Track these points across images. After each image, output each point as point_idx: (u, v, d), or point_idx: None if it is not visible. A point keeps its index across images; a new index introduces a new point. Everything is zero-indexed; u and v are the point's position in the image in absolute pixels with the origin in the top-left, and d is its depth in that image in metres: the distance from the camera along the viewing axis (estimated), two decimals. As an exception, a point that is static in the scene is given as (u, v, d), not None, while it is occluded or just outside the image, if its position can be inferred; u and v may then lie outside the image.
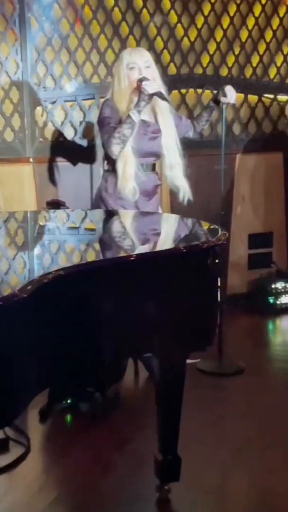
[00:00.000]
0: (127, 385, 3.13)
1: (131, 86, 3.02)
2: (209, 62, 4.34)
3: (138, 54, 3.07)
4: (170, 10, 4.17)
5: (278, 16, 4.47)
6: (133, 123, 2.96)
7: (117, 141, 2.97)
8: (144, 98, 2.95)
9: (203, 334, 2.38)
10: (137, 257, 2.23)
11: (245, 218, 4.59)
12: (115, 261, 2.18)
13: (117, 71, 3.08)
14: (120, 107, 3.03)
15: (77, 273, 1.97)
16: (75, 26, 3.96)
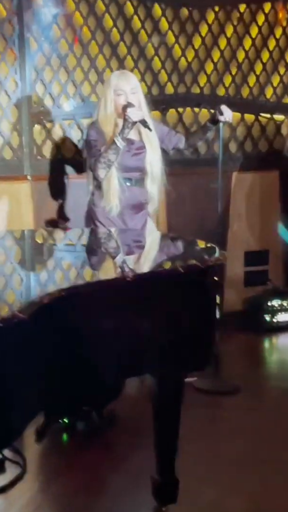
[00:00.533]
0: (124, 404, 3.12)
1: (117, 111, 3.15)
2: (206, 81, 4.39)
3: (125, 80, 3.17)
4: (167, 31, 4.23)
5: (274, 37, 4.53)
6: (117, 149, 3.10)
7: (103, 165, 3.12)
8: (128, 126, 3.08)
9: (202, 354, 2.40)
10: (135, 277, 2.24)
11: (241, 236, 4.62)
12: (113, 281, 2.20)
13: (104, 94, 3.21)
14: (105, 130, 3.15)
15: (76, 293, 1.98)
16: (74, 46, 4.00)
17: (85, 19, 3.99)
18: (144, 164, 3.23)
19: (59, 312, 1.88)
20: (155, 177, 3.26)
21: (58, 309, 1.87)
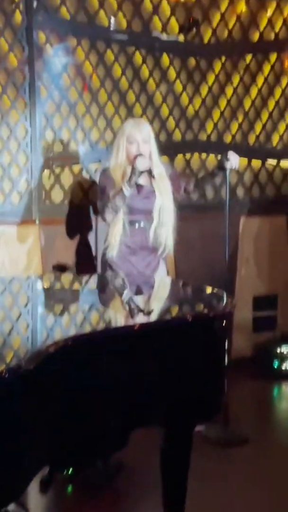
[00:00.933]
0: (131, 453, 3.04)
1: (128, 158, 3.26)
2: (213, 128, 4.45)
3: (138, 129, 3.27)
4: (175, 79, 4.31)
5: (280, 86, 4.61)
6: (124, 196, 3.22)
7: (110, 210, 3.25)
8: (136, 174, 3.20)
9: (211, 403, 2.35)
10: (143, 326, 2.22)
11: (249, 280, 4.59)
12: (120, 330, 2.17)
13: (117, 142, 3.32)
14: (115, 177, 3.27)
15: (82, 342, 1.96)
16: (83, 94, 4.08)
17: (94, 68, 4.08)
18: (151, 208, 3.29)
19: (65, 361, 1.86)
20: (163, 222, 3.30)
21: (64, 358, 1.84)
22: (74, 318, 2.45)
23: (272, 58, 4.56)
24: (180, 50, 4.29)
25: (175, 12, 4.23)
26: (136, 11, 4.14)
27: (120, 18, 4.10)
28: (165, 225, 3.31)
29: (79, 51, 4.04)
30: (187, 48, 4.31)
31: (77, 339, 1.96)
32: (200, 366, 2.27)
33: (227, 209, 3.48)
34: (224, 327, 2.37)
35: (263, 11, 4.48)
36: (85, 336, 2.06)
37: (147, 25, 4.18)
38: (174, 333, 2.19)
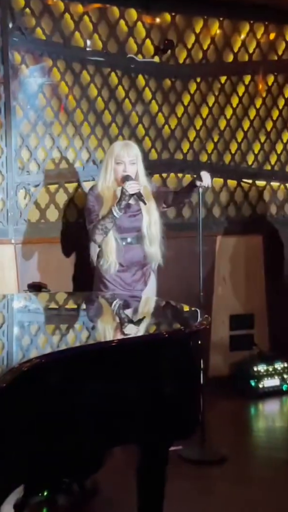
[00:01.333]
0: (107, 474, 2.99)
1: (116, 179, 3.39)
2: (189, 148, 4.49)
3: (126, 151, 3.40)
4: (151, 100, 4.35)
5: (254, 107, 4.68)
6: (114, 218, 3.33)
7: (100, 232, 3.36)
8: (125, 198, 3.31)
9: (187, 422, 2.33)
10: (117, 343, 2.20)
11: (226, 299, 4.61)
12: (94, 347, 2.15)
13: (106, 162, 3.45)
14: (104, 196, 3.38)
15: (56, 360, 1.93)
16: (59, 114, 4.09)
17: (70, 88, 4.10)
18: (140, 225, 3.43)
19: (39, 379, 1.83)
20: (152, 239, 3.45)
21: (37, 377, 1.81)
22: (50, 338, 2.42)
23: (246, 79, 4.64)
24: (155, 71, 4.34)
25: (150, 34, 4.29)
26: (112, 32, 4.18)
27: (95, 39, 4.14)
28: (154, 242, 3.45)
29: (55, 72, 4.06)
30: (162, 69, 4.36)
31: (51, 357, 1.93)
32: (176, 384, 2.25)
33: (200, 228, 3.49)
34: (200, 344, 2.36)
35: (237, 34, 4.56)
36: (59, 353, 2.03)
37: (123, 47, 4.22)
38: (150, 349, 2.17)
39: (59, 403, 1.91)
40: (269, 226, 4.79)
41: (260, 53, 4.66)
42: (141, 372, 2.13)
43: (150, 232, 3.43)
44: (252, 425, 4.06)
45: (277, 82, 4.75)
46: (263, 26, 4.64)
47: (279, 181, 4.83)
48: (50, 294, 3.27)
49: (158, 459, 2.27)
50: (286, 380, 4.40)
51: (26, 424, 1.77)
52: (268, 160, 4.77)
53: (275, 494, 3.02)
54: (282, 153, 4.81)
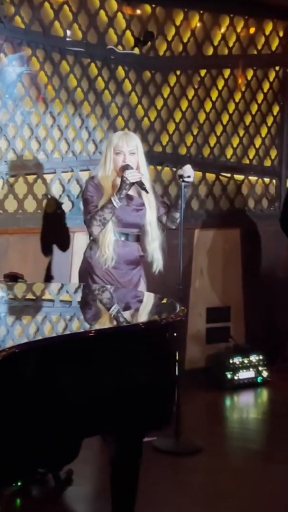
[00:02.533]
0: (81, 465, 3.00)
1: (115, 169, 3.27)
2: (168, 141, 4.49)
3: (125, 140, 3.29)
4: (131, 92, 4.34)
5: (234, 101, 4.69)
6: (114, 208, 3.20)
7: (98, 223, 3.21)
8: (126, 187, 3.19)
9: (162, 412, 2.34)
10: (94, 333, 2.20)
11: (203, 292, 4.63)
12: (70, 337, 2.15)
13: (105, 152, 3.33)
14: (104, 186, 3.26)
15: (30, 349, 1.93)
16: (38, 104, 4.06)
17: (49, 78, 4.07)
18: (142, 222, 3.32)
19: (14, 369, 1.82)
20: (154, 237, 3.33)
21: (12, 366, 1.81)
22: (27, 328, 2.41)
23: (225, 73, 4.65)
24: (135, 62, 4.32)
25: (130, 25, 4.27)
26: (92, 23, 4.16)
27: (75, 29, 4.12)
28: (154, 240, 3.32)
29: (34, 61, 4.03)
30: (142, 61, 4.35)
31: (25, 346, 1.93)
32: (152, 374, 2.26)
33: (181, 221, 3.49)
34: (176, 335, 2.37)
35: (217, 27, 4.57)
36: (34, 343, 2.02)
37: (103, 37, 4.20)
38: (126, 340, 2.18)
39: (33, 393, 1.90)
40: (246, 219, 4.82)
41: (240, 47, 4.68)
42: (117, 363, 2.13)
43: (152, 228, 3.31)
44: (226, 417, 4.10)
45: (256, 76, 4.77)
46: (243, 20, 4.65)
47: (257, 175, 4.86)
48: (27, 285, 3.26)
49: (133, 450, 2.28)
50: (261, 372, 4.45)
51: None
52: (247, 154, 4.79)
53: (249, 484, 3.06)
54: (260, 147, 4.84)
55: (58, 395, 1.98)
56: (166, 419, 2.40)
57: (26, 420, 1.89)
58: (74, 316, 2.66)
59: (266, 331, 4.70)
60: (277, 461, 3.28)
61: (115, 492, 2.30)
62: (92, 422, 2.12)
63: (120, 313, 2.71)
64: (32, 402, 1.90)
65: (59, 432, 2.01)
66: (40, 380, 1.93)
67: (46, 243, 4.07)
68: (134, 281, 3.36)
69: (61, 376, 1.99)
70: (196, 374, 4.38)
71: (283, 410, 4.04)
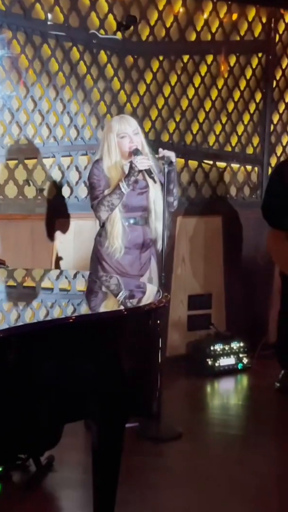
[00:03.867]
0: (63, 451, 3.00)
1: (122, 153, 3.26)
2: (150, 127, 4.46)
3: (127, 122, 3.30)
4: (113, 77, 4.29)
5: (216, 88, 4.68)
6: (122, 194, 3.21)
7: (106, 208, 3.23)
8: (134, 174, 3.20)
9: (144, 399, 2.34)
10: (75, 319, 2.19)
11: (185, 279, 4.63)
12: (51, 324, 2.14)
13: (108, 139, 3.30)
14: (110, 175, 3.25)
15: (12, 335, 1.91)
16: (19, 88, 4.00)
17: (30, 61, 4.01)
18: (147, 203, 3.33)
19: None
20: (158, 214, 3.35)
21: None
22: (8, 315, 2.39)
23: (208, 59, 4.62)
24: (117, 47, 4.28)
25: (112, 9, 4.22)
26: (73, 6, 4.10)
27: (57, 12, 4.06)
28: (159, 218, 3.34)
29: (15, 44, 3.96)
30: (124, 45, 4.30)
31: (6, 332, 1.91)
32: (134, 360, 2.26)
33: (164, 208, 3.47)
34: (159, 322, 2.37)
35: (200, 12, 4.54)
36: (15, 329, 2.01)
37: (84, 21, 4.15)
38: (108, 326, 2.17)
39: (14, 377, 1.89)
40: (228, 207, 4.82)
41: (223, 33, 4.65)
42: (100, 349, 2.13)
43: (156, 207, 3.33)
44: (207, 403, 4.13)
45: (239, 63, 4.75)
46: (226, 6, 4.62)
47: (239, 163, 4.86)
48: (8, 271, 3.22)
49: (115, 435, 2.28)
50: (242, 359, 4.48)
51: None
52: (229, 141, 4.79)
53: (228, 469, 3.09)
54: (242, 135, 4.84)
55: (39, 380, 1.97)
56: (148, 405, 2.41)
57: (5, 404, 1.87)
58: (56, 303, 2.64)
59: (246, 318, 4.73)
60: (256, 447, 3.31)
61: (97, 478, 2.30)
62: (73, 407, 2.11)
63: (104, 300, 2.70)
64: (12, 387, 1.89)
65: (39, 417, 2.00)
66: (20, 365, 1.92)
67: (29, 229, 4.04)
68: (142, 264, 3.39)
69: (42, 361, 1.98)
70: (178, 361, 4.40)
71: (263, 397, 4.07)
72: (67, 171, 4.19)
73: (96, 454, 2.28)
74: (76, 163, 4.20)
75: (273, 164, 4.92)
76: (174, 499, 2.80)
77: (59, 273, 3.32)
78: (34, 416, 1.99)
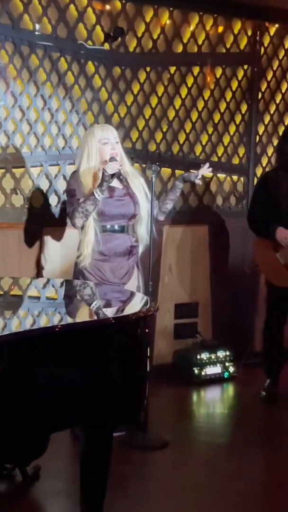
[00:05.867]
0: (49, 460, 2.99)
1: (101, 160, 3.30)
2: (138, 137, 4.49)
3: (109, 130, 3.39)
4: (101, 87, 4.33)
5: (203, 99, 4.72)
6: (96, 201, 3.23)
7: (80, 215, 3.24)
8: (106, 179, 3.23)
9: (131, 407, 2.35)
10: (62, 328, 2.20)
11: (171, 288, 4.65)
12: (41, 331, 2.14)
13: (89, 145, 3.34)
14: (84, 182, 3.28)
15: (0, 344, 1.92)
16: (6, 97, 4.02)
17: (18, 71, 4.03)
18: (129, 211, 3.35)
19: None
20: (142, 218, 3.39)
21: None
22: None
23: (195, 71, 4.68)
24: (105, 58, 4.31)
25: (100, 21, 4.26)
26: (61, 17, 4.13)
27: (45, 23, 4.09)
28: (143, 222, 3.38)
29: (3, 54, 3.98)
30: (112, 56, 4.34)
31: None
32: (122, 369, 2.27)
33: (152, 218, 3.50)
34: (147, 331, 2.39)
35: (186, 24, 4.59)
36: (1, 338, 2.01)
37: (72, 32, 4.18)
38: (97, 334, 2.18)
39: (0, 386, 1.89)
40: (215, 216, 4.86)
41: (209, 45, 4.71)
42: (87, 357, 2.14)
43: (141, 210, 3.37)
44: (193, 411, 4.14)
45: (225, 74, 4.81)
46: (212, 18, 4.68)
47: (225, 173, 4.91)
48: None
49: (102, 444, 2.29)
50: (228, 368, 4.50)
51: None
52: (215, 151, 4.83)
53: (215, 477, 3.10)
54: (228, 145, 4.89)
55: (26, 388, 1.97)
56: (135, 414, 2.42)
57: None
58: (43, 311, 2.65)
59: (233, 327, 4.75)
60: (243, 455, 3.33)
61: (84, 487, 2.30)
62: (60, 416, 2.12)
63: (92, 308, 2.71)
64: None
65: (26, 426, 2.00)
66: (7, 373, 1.92)
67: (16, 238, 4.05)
68: (123, 273, 3.38)
69: (29, 369, 1.98)
70: (164, 370, 4.40)
71: (249, 405, 4.09)
72: (54, 180, 4.20)
73: (83, 463, 2.29)
74: (63, 172, 4.22)
75: (258, 174, 4.97)
76: (162, 507, 2.80)
77: (46, 282, 3.32)
78: (20, 425, 1.99)
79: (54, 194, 4.22)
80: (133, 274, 3.44)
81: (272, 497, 2.96)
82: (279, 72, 5.02)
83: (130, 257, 3.40)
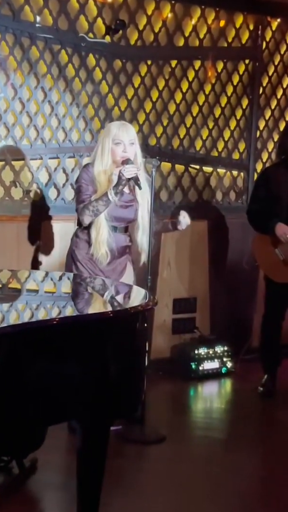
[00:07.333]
0: (47, 453, 2.99)
1: (114, 160, 3.25)
2: (138, 131, 4.47)
3: (125, 130, 3.28)
4: (101, 80, 4.31)
5: (204, 93, 4.71)
6: (108, 202, 3.19)
7: (90, 213, 3.21)
8: (122, 183, 3.18)
9: (129, 401, 2.35)
10: (61, 320, 2.19)
11: (170, 283, 4.65)
12: (37, 324, 2.14)
13: (103, 142, 3.28)
14: (98, 179, 3.23)
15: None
16: (7, 89, 4.00)
17: (18, 63, 4.01)
18: (131, 217, 3.33)
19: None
20: (144, 229, 3.35)
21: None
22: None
23: (196, 65, 4.65)
24: (106, 51, 4.29)
25: (101, 13, 4.24)
26: (62, 9, 4.11)
27: (46, 15, 4.06)
28: (145, 232, 3.34)
29: (3, 45, 3.96)
30: (113, 49, 4.32)
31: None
32: (120, 363, 2.26)
33: (151, 213, 3.49)
34: (145, 325, 2.38)
35: (188, 18, 4.57)
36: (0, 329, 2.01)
37: (73, 24, 4.16)
38: (95, 328, 2.18)
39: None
40: (214, 212, 4.85)
41: (211, 39, 4.69)
42: (86, 351, 2.13)
43: (144, 221, 3.33)
44: (191, 406, 4.14)
45: (226, 69, 4.79)
46: (214, 12, 4.66)
47: (225, 168, 4.89)
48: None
49: (99, 438, 2.29)
50: (226, 363, 4.50)
51: None
52: (216, 146, 4.82)
53: (212, 471, 3.10)
54: (229, 140, 4.87)
55: (23, 381, 1.97)
56: (133, 408, 2.41)
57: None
58: (41, 304, 2.64)
59: (231, 322, 4.75)
60: (239, 450, 3.33)
61: (81, 480, 2.30)
62: (58, 409, 2.11)
63: (90, 301, 2.71)
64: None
65: (23, 418, 2.00)
66: (4, 366, 1.91)
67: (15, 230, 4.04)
68: (118, 270, 3.37)
69: (26, 362, 1.98)
70: (162, 364, 4.41)
71: (246, 401, 4.10)
72: (54, 173, 4.19)
73: (80, 456, 2.29)
74: (63, 165, 4.21)
75: (258, 169, 4.96)
76: (158, 501, 2.80)
77: (45, 275, 3.31)
78: (18, 417, 1.99)
79: (53, 187, 4.20)
80: (124, 273, 3.42)
81: (268, 492, 2.97)
82: (281, 67, 5.01)
83: (121, 256, 3.38)
